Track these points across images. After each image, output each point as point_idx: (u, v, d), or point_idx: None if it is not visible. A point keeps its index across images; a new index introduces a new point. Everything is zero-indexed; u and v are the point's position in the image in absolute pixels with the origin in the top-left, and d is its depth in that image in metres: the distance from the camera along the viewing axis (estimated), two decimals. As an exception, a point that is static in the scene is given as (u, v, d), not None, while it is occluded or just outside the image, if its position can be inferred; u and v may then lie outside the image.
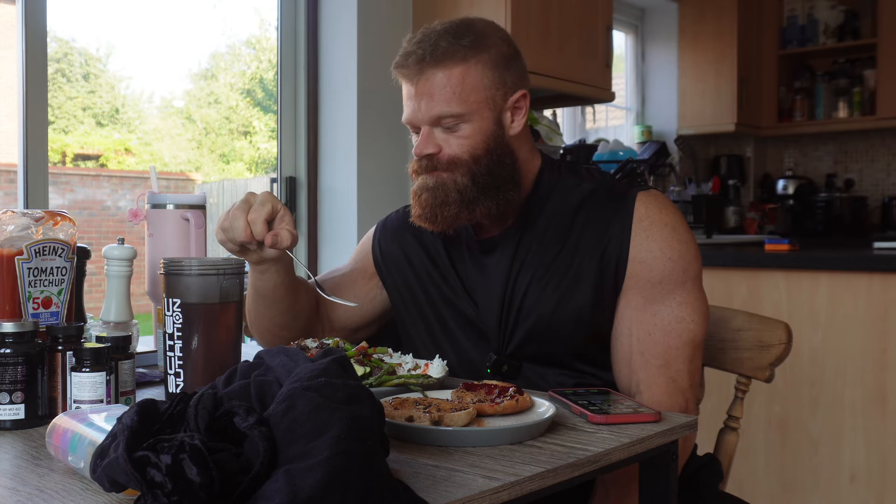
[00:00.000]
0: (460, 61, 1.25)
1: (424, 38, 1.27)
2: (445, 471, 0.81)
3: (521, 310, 1.29)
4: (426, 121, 1.27)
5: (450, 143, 1.27)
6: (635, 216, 1.26)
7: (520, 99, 1.30)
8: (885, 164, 4.58)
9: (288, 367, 0.81)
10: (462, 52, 1.25)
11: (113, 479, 0.69)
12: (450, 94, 1.25)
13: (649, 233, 1.25)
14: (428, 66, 1.25)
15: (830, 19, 4.52)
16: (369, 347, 1.21)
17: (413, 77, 1.26)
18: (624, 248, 1.25)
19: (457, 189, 1.27)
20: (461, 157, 1.27)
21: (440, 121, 1.26)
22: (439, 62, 1.25)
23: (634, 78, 4.48)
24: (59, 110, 6.39)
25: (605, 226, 1.27)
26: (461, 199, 1.27)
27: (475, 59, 1.26)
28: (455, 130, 1.26)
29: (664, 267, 1.24)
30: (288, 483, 0.64)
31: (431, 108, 1.25)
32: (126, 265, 1.36)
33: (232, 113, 7.31)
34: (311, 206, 2.75)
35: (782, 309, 2.64)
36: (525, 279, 1.30)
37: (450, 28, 1.28)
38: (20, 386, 1.01)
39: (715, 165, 4.69)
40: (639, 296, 1.25)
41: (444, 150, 1.27)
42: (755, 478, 2.71)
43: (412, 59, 1.26)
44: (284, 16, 2.73)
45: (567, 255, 1.28)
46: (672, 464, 1.02)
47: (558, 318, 1.27)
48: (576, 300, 1.26)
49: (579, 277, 1.26)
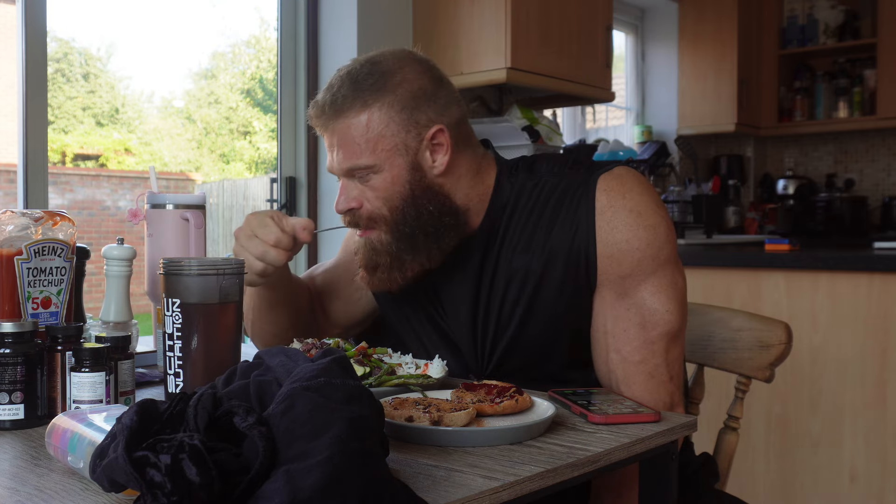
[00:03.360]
0: (361, 109, 1.19)
1: (330, 86, 1.22)
2: (445, 471, 0.81)
3: (496, 327, 1.26)
4: (340, 172, 1.23)
5: (367, 196, 1.22)
6: (597, 206, 1.19)
7: (436, 135, 1.21)
8: (886, 164, 4.58)
9: (288, 367, 0.81)
10: (362, 97, 1.19)
11: (112, 479, 0.69)
12: (357, 145, 1.19)
13: (613, 224, 1.18)
14: (331, 119, 1.20)
15: (830, 19, 4.52)
16: (369, 347, 1.21)
17: (321, 128, 1.23)
18: (591, 242, 1.19)
19: (384, 250, 1.22)
20: (379, 211, 1.22)
21: (353, 172, 1.21)
22: (340, 112, 1.19)
23: (634, 78, 4.48)
24: (59, 110, 6.40)
25: (569, 221, 1.21)
26: (390, 262, 1.23)
27: (377, 103, 1.19)
28: (368, 181, 1.21)
29: (632, 258, 1.18)
30: (287, 483, 0.64)
31: (342, 160, 1.21)
32: (126, 265, 1.36)
33: (232, 113, 7.31)
34: (311, 206, 2.75)
35: (782, 309, 2.64)
36: (497, 291, 1.26)
37: (352, 71, 1.21)
38: (19, 386, 1.01)
39: (715, 165, 4.69)
40: (611, 291, 1.20)
41: (364, 206, 1.22)
42: (755, 478, 2.71)
43: (315, 110, 1.22)
44: (284, 16, 2.73)
45: (536, 260, 1.23)
46: (672, 464, 1.02)
47: (535, 327, 1.23)
48: (550, 306, 1.22)
49: (551, 281, 1.21)
